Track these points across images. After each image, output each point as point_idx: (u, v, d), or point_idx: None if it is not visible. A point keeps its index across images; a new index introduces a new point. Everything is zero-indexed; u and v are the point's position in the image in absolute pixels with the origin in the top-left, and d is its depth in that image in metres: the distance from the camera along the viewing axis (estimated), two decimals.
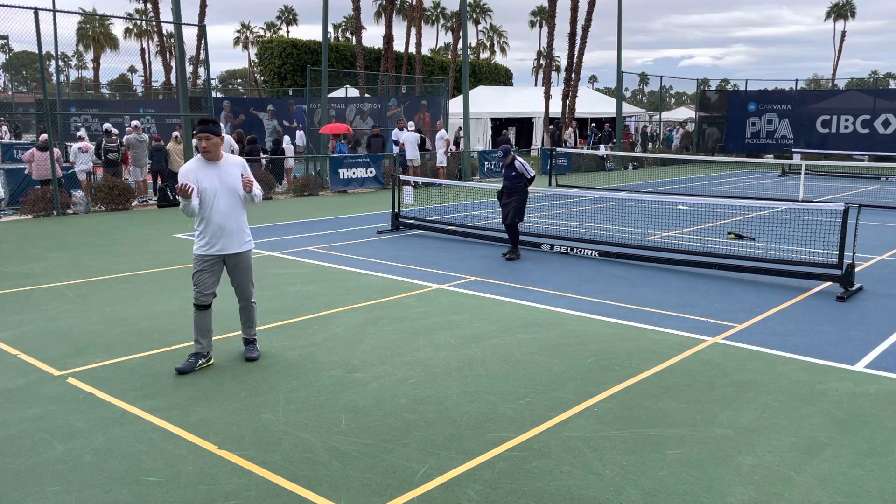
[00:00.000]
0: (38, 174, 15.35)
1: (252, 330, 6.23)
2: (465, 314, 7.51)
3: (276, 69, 44.14)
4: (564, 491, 3.93)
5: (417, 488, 3.96)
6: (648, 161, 31.29)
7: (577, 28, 32.21)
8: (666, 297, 8.28)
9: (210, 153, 5.78)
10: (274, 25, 78.97)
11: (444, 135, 22.61)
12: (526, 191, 10.70)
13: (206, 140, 5.73)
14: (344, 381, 5.56)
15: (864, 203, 16.46)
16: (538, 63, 75.53)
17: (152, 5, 43.48)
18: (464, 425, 4.77)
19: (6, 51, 49.81)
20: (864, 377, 5.69)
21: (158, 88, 51.36)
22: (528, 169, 10.62)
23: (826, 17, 76.12)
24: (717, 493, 3.91)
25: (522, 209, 10.70)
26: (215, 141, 5.77)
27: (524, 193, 10.68)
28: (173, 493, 3.91)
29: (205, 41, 20.01)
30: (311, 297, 8.26)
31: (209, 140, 5.74)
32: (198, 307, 5.85)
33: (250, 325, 6.20)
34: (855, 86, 42.20)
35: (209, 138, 5.73)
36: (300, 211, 16.18)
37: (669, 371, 5.80)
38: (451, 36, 57.12)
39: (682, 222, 14.05)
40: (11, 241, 12.14)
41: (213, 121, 5.83)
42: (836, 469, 4.19)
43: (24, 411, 5.00)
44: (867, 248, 11.37)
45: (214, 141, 5.76)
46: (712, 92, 38.36)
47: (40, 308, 7.76)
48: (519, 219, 10.68)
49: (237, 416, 4.90)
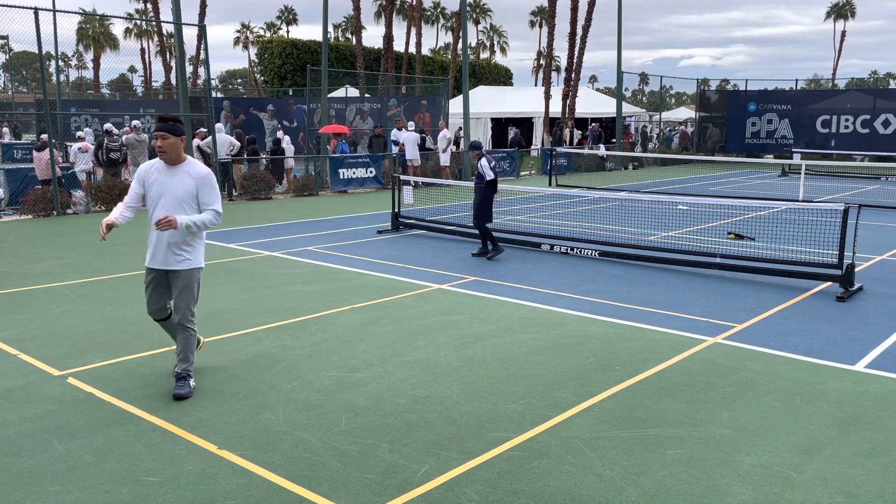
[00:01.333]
0: (39, 174, 15.37)
1: (184, 364, 5.32)
2: (465, 314, 7.51)
3: (276, 69, 44.14)
4: (564, 491, 3.94)
5: (417, 488, 3.96)
6: (648, 161, 31.29)
7: (577, 28, 32.23)
8: (666, 297, 8.28)
9: (167, 154, 5.19)
10: (274, 25, 78.97)
11: (447, 134, 22.53)
12: (484, 192, 10.55)
13: (162, 139, 5.17)
14: (344, 381, 5.56)
15: (864, 203, 16.46)
16: (538, 63, 75.56)
17: (152, 5, 43.51)
18: (464, 425, 4.77)
19: (6, 51, 49.85)
20: (864, 377, 5.69)
21: (158, 88, 51.38)
22: (487, 171, 10.45)
23: (826, 17, 76.12)
24: (717, 493, 3.91)
25: (483, 210, 10.57)
26: (173, 141, 5.19)
27: (481, 194, 10.58)
28: (173, 493, 3.91)
29: (205, 41, 20.01)
30: (311, 297, 8.26)
31: (166, 140, 5.16)
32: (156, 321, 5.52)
33: (182, 356, 5.31)
34: (855, 86, 42.21)
35: (166, 137, 5.16)
36: (300, 211, 16.18)
37: (669, 371, 5.80)
38: (451, 36, 57.15)
39: (682, 222, 14.05)
40: (11, 241, 12.14)
41: (173, 118, 5.26)
42: (836, 469, 4.19)
43: (24, 411, 5.00)
44: (867, 248, 11.37)
45: (172, 141, 5.18)
46: (712, 92, 38.38)
47: (40, 308, 7.76)
48: (481, 220, 10.59)
49: (237, 416, 4.90)
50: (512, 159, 25.27)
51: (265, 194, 18.65)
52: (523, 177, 25.81)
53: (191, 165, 5.29)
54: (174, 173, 5.23)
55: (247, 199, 18.33)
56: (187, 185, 5.20)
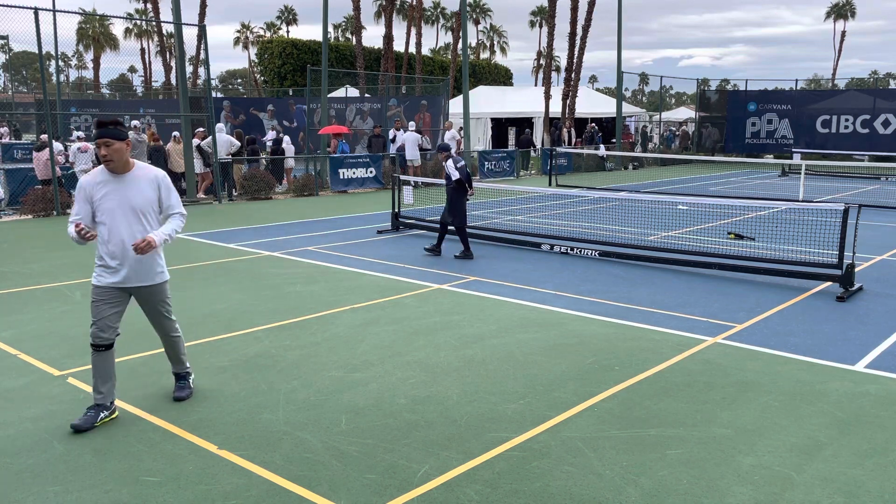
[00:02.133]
0: (39, 174, 15.37)
1: (181, 364, 5.25)
2: (465, 314, 7.51)
3: (276, 69, 44.14)
4: (564, 491, 3.93)
5: (417, 488, 3.96)
6: (648, 161, 31.29)
7: (577, 28, 32.21)
8: (666, 297, 8.28)
9: (112, 163, 4.63)
10: (274, 25, 78.97)
11: (454, 135, 22.39)
12: (453, 193, 10.61)
13: (105, 147, 4.58)
14: (344, 381, 5.56)
15: (864, 203, 16.46)
16: (538, 63, 75.56)
17: (152, 5, 43.53)
18: (464, 425, 4.77)
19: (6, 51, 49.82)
20: (864, 377, 5.69)
21: (158, 88, 51.36)
22: (452, 171, 10.54)
23: (826, 17, 76.10)
24: (717, 493, 3.91)
25: (452, 210, 10.62)
26: (118, 147, 4.61)
27: (451, 195, 10.65)
28: (173, 493, 3.91)
29: (205, 41, 20.02)
30: (311, 297, 8.26)
31: (110, 146, 4.58)
32: (95, 347, 4.74)
33: (177, 358, 5.22)
34: (855, 86, 42.21)
35: (110, 144, 4.58)
36: (300, 211, 16.18)
37: (669, 371, 5.80)
38: (451, 36, 57.16)
39: (682, 222, 14.05)
40: (11, 241, 12.14)
41: (114, 121, 4.63)
42: (836, 469, 4.19)
43: (24, 411, 5.00)
44: (867, 248, 11.37)
45: (117, 147, 4.60)
46: (712, 92, 38.38)
47: (40, 308, 7.76)
48: (451, 220, 10.64)
49: (237, 416, 4.90)
50: (511, 159, 25.28)
51: (265, 194, 18.65)
52: (523, 176, 25.81)
53: (142, 169, 4.80)
54: (126, 182, 4.71)
55: (247, 199, 18.33)
56: (145, 192, 4.75)
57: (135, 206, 4.71)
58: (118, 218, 4.69)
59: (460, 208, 10.63)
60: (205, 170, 18.29)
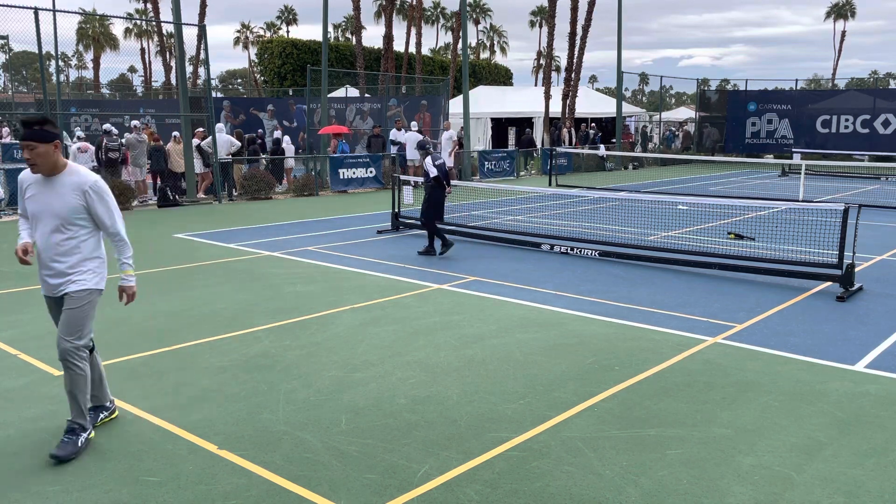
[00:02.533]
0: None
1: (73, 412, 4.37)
2: (465, 314, 7.51)
3: (276, 69, 44.13)
4: (564, 491, 3.94)
5: (417, 488, 3.96)
6: (648, 161, 31.29)
7: (577, 28, 32.21)
8: (666, 297, 8.28)
9: (37, 167, 4.20)
10: (274, 25, 78.95)
11: (451, 135, 22.39)
12: (431, 191, 10.70)
13: (29, 150, 4.14)
14: (344, 381, 5.56)
15: (864, 203, 16.46)
16: (538, 63, 75.56)
17: (152, 5, 43.55)
18: (464, 425, 4.77)
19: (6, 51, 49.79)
20: (864, 377, 5.69)
21: (158, 88, 51.35)
22: (430, 168, 10.69)
23: (826, 17, 76.08)
24: (717, 493, 3.91)
25: (429, 209, 10.72)
26: (44, 150, 4.16)
27: (429, 192, 10.75)
28: (173, 493, 3.91)
29: (205, 41, 20.03)
30: (311, 297, 8.26)
31: (34, 150, 4.14)
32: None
33: (70, 398, 4.36)
34: (855, 86, 42.21)
35: (33, 147, 4.14)
36: (300, 211, 16.18)
37: (669, 371, 5.80)
38: (451, 36, 57.15)
39: (682, 222, 14.05)
40: (11, 241, 12.13)
41: (40, 121, 4.19)
42: (836, 469, 4.19)
43: (24, 411, 5.00)
44: (867, 248, 11.37)
45: (43, 150, 4.16)
46: (712, 92, 38.39)
47: (40, 308, 7.75)
48: (428, 219, 10.72)
49: (237, 416, 4.90)
50: (512, 159, 25.27)
51: (265, 194, 18.65)
52: (523, 177, 25.81)
53: (72, 174, 4.29)
54: (51, 186, 4.27)
55: (247, 199, 18.33)
56: (68, 200, 4.25)
57: (55, 214, 4.26)
58: (40, 222, 4.31)
59: (438, 205, 10.76)
60: (205, 170, 18.30)
